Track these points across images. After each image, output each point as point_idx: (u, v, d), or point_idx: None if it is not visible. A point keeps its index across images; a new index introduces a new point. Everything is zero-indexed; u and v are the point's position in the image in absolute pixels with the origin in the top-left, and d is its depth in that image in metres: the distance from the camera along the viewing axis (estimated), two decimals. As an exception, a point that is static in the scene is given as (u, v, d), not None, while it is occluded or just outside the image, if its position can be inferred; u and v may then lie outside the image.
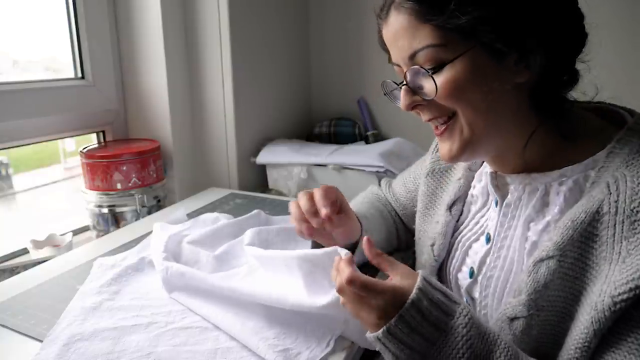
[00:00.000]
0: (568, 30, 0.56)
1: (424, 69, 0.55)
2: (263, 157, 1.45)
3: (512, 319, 0.55)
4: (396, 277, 0.55)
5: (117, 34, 1.32)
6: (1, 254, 1.12)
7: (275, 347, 0.62)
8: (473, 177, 0.73)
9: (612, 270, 0.48)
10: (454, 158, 0.60)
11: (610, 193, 0.51)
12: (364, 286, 0.53)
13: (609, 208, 0.50)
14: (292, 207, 0.75)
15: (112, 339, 0.66)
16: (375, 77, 0.61)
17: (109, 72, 1.32)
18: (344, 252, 0.62)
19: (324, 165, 1.37)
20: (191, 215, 1.12)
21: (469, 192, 0.73)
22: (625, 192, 0.50)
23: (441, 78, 0.55)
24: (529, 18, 0.53)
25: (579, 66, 0.59)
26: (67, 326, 0.68)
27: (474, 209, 0.71)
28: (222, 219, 1.04)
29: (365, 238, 0.59)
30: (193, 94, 1.41)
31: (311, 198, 0.72)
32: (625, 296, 0.45)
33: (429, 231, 0.77)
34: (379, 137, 1.64)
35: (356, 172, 1.33)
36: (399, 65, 0.60)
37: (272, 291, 0.69)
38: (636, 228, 0.48)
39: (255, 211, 1.05)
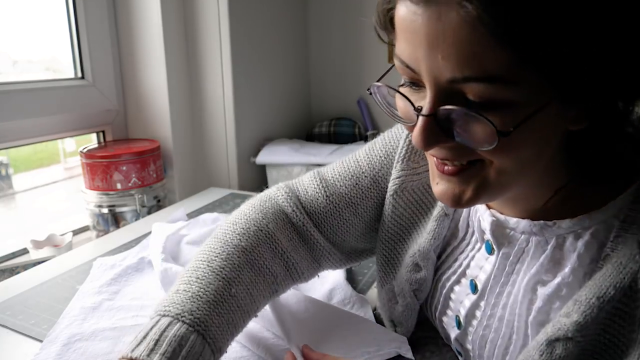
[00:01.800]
0: None
1: (488, 120, 0.37)
2: (263, 157, 1.45)
3: None
4: None
5: (117, 34, 1.32)
6: (1, 254, 1.11)
7: (276, 347, 0.62)
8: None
9: None
10: (463, 205, 0.45)
11: None
12: None
13: None
14: None
15: (112, 339, 0.65)
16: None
17: (109, 72, 1.32)
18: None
19: (324, 165, 1.36)
20: (191, 215, 1.12)
21: None
22: None
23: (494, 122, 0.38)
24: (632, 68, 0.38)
25: None
26: (67, 326, 0.68)
27: (452, 242, 0.58)
28: (222, 219, 1.04)
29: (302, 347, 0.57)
30: (193, 94, 1.41)
31: None
32: None
33: (402, 271, 0.61)
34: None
35: (356, 172, 1.33)
36: (407, 67, 0.41)
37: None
38: None
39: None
